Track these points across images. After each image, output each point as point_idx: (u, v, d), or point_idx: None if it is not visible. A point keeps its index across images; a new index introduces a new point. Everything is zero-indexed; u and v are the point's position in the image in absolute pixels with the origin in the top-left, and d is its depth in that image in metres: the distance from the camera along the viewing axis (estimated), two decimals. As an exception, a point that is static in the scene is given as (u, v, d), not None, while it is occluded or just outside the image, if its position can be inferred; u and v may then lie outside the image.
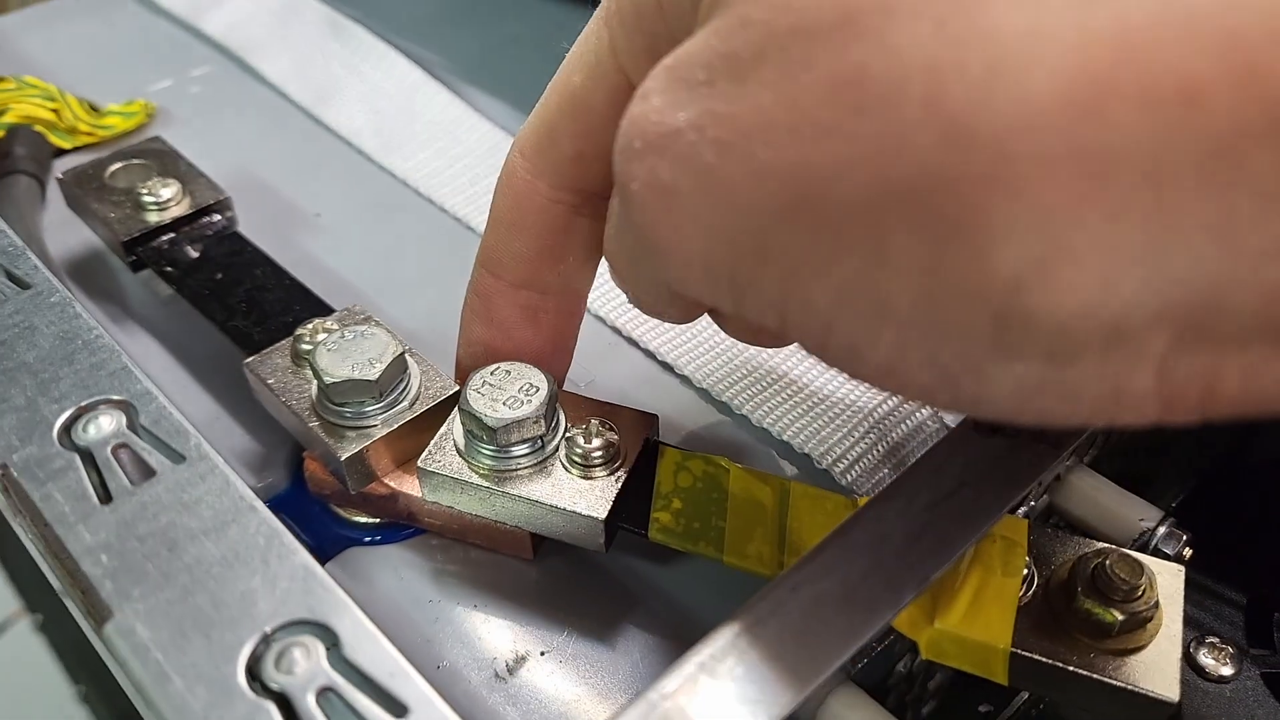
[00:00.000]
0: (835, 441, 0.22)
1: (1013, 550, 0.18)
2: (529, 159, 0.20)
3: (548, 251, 0.20)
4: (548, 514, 0.19)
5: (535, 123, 0.19)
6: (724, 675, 0.13)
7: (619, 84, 0.18)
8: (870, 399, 0.23)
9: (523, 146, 0.20)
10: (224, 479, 0.15)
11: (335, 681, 0.13)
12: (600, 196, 0.19)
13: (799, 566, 0.15)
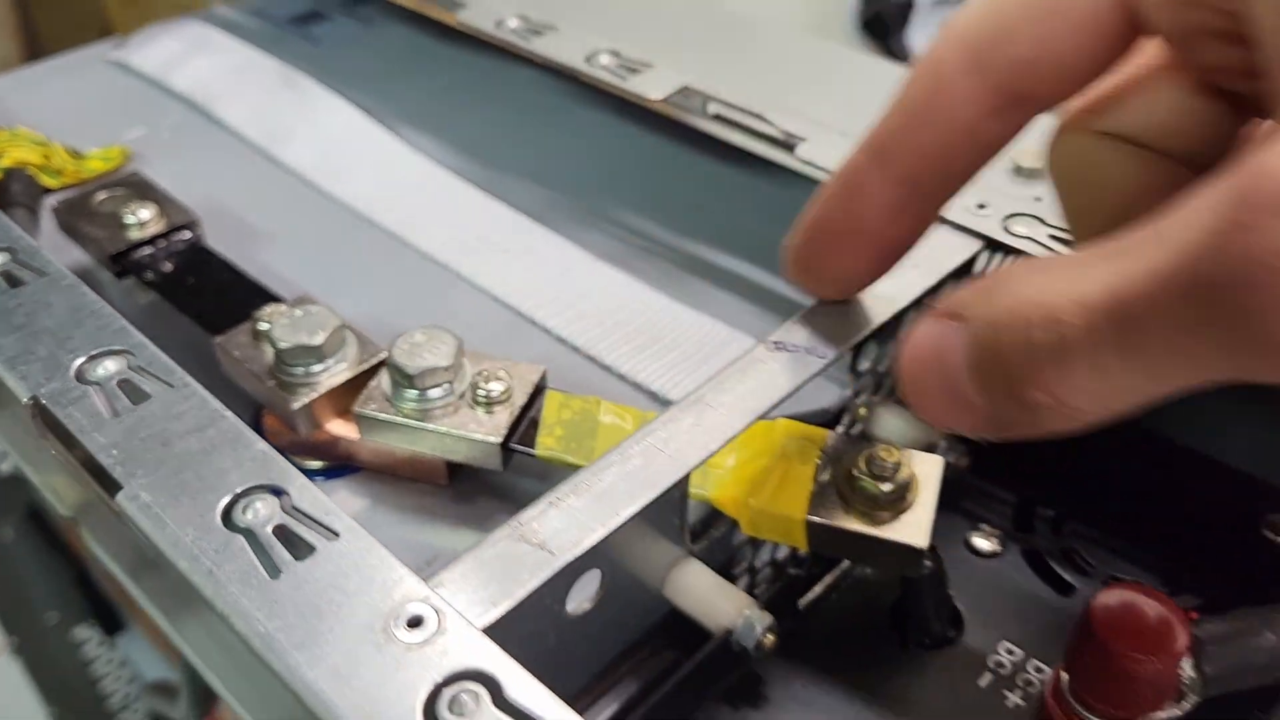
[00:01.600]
0: (680, 378, 0.28)
1: (810, 448, 0.24)
2: (968, 51, 0.18)
3: (947, 150, 0.19)
4: (458, 442, 0.25)
5: (987, 14, 0.18)
6: (565, 508, 0.19)
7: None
8: (707, 345, 0.29)
9: (964, 35, 0.18)
10: (203, 398, 0.20)
11: (286, 521, 0.18)
12: (1030, 102, 0.18)
13: (626, 446, 0.20)
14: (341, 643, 0.16)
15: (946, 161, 0.19)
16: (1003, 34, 0.18)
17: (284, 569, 0.17)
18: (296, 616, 0.17)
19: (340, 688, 0.16)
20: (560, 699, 0.16)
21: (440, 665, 0.16)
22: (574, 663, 0.22)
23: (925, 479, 0.23)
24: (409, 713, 0.15)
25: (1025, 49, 0.17)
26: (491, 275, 0.32)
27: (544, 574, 0.18)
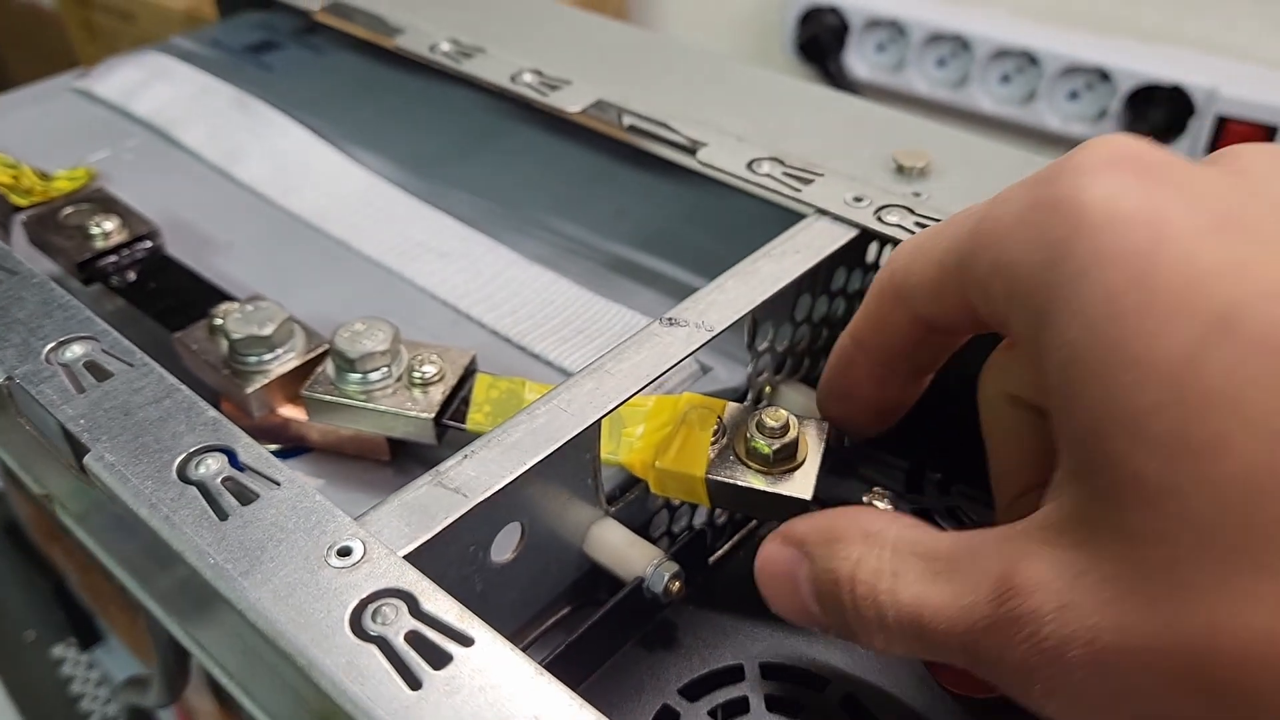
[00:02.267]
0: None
1: (709, 416, 0.27)
2: (894, 287, 0.22)
3: (906, 350, 0.23)
4: (395, 420, 0.27)
5: (902, 258, 0.22)
6: (478, 459, 0.22)
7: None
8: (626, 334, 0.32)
9: (892, 272, 0.22)
10: (160, 374, 0.23)
11: (233, 473, 0.21)
12: (950, 333, 0.22)
13: (534, 408, 0.23)
14: (281, 570, 0.19)
15: (909, 357, 0.23)
16: (907, 282, 0.22)
17: (231, 513, 0.20)
18: (242, 551, 0.19)
19: (279, 605, 0.18)
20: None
21: (365, 585, 0.19)
22: (503, 609, 0.25)
23: (812, 442, 0.26)
24: (338, 622, 0.18)
25: (920, 304, 0.21)
26: (431, 277, 0.35)
27: (458, 512, 0.21)
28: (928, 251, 0.21)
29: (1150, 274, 0.15)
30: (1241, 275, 0.15)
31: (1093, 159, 0.17)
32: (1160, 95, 0.75)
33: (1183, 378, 0.14)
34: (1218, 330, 0.14)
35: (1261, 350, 0.14)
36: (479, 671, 0.17)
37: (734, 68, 0.38)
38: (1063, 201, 0.17)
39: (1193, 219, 0.16)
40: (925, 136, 0.35)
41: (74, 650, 0.59)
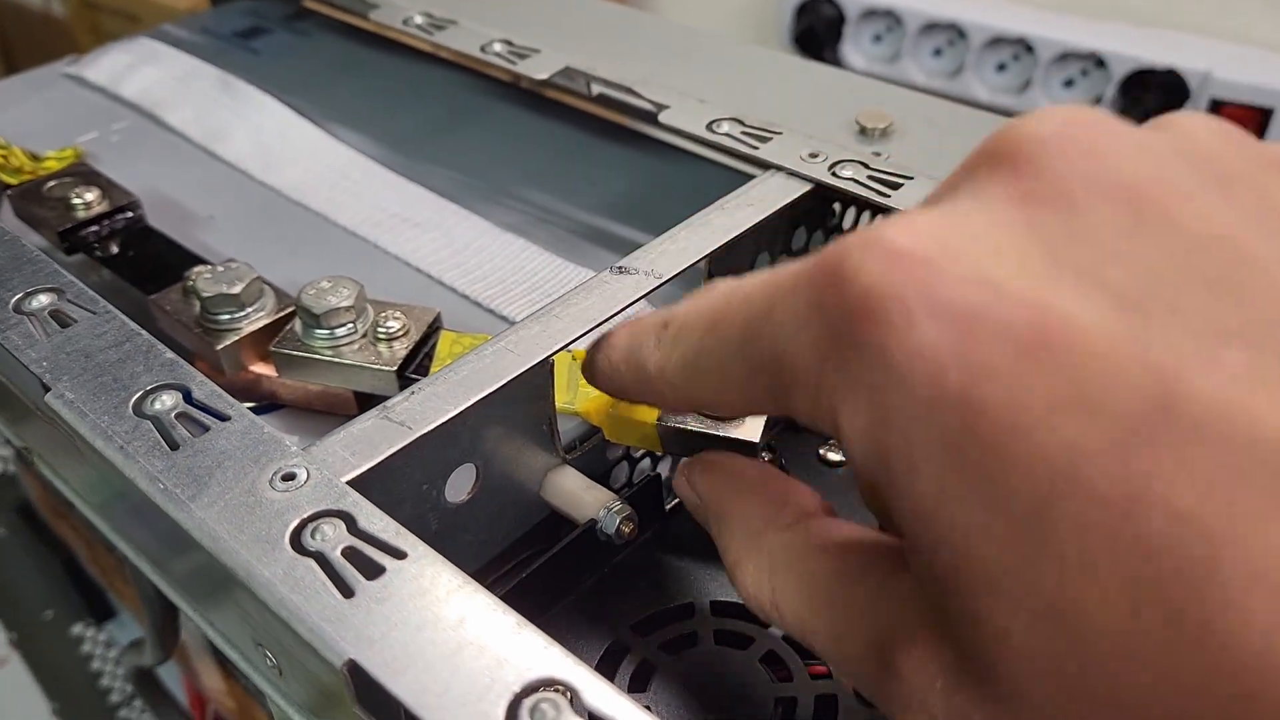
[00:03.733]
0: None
1: (664, 363, 0.27)
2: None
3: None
4: (360, 374, 0.28)
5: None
6: (424, 394, 0.22)
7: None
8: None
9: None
10: (122, 321, 0.24)
11: (187, 409, 0.22)
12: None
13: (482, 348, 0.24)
14: (228, 493, 0.20)
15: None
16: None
17: (183, 444, 0.21)
18: (190, 477, 0.20)
19: (224, 524, 0.19)
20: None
21: (305, 507, 0.19)
22: (460, 549, 0.25)
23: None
24: (278, 539, 0.19)
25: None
26: (404, 245, 0.36)
27: (401, 443, 0.21)
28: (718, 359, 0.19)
29: (982, 423, 0.14)
30: (1078, 418, 0.13)
31: (884, 294, 0.15)
32: (1154, 79, 0.75)
33: (1034, 537, 0.13)
34: (1062, 487, 0.13)
35: (1107, 507, 0.13)
36: (410, 581, 0.18)
37: (705, 39, 0.39)
38: (869, 359, 0.15)
39: (1005, 344, 0.14)
40: (889, 99, 0.35)
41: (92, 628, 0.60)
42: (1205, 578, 0.12)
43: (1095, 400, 0.13)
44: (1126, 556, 0.13)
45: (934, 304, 0.14)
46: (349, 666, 0.17)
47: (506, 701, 0.16)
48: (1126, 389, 0.13)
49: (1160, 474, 0.13)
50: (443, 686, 0.16)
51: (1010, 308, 0.14)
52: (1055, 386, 0.13)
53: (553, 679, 0.16)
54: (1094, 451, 0.13)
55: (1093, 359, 0.13)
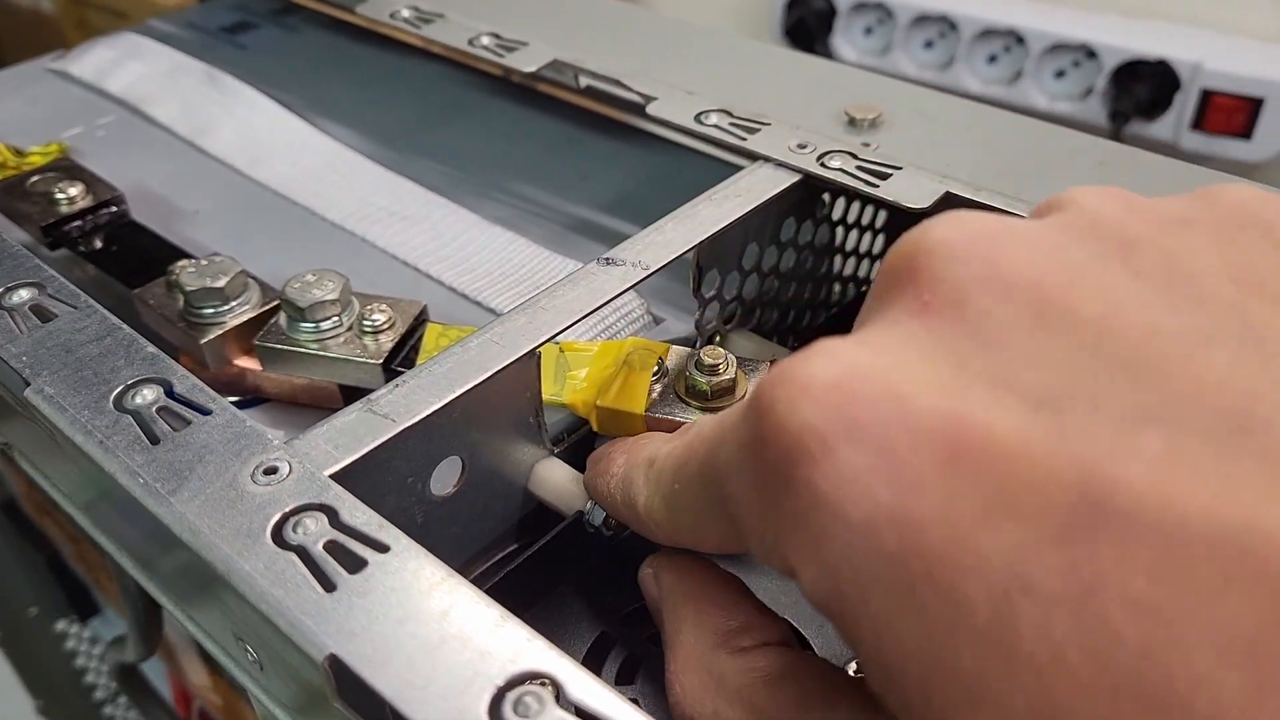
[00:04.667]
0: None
1: (650, 358, 0.27)
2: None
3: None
4: (345, 366, 0.28)
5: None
6: (408, 387, 0.22)
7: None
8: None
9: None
10: (103, 315, 0.24)
11: (168, 403, 0.21)
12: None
13: (467, 340, 0.24)
14: (208, 488, 0.19)
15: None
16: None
17: (164, 438, 0.21)
18: (171, 471, 0.20)
19: (204, 518, 0.19)
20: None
21: (287, 501, 0.19)
22: (446, 543, 0.25)
23: (752, 380, 0.27)
24: (259, 533, 0.18)
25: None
26: (393, 239, 0.35)
27: (385, 435, 0.21)
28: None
29: (921, 538, 0.14)
30: (1012, 520, 0.13)
31: (801, 429, 0.15)
32: (1145, 70, 0.75)
33: (1000, 643, 0.13)
34: (1014, 591, 0.13)
35: (1064, 604, 0.13)
36: (392, 574, 0.18)
37: (694, 31, 0.39)
38: (797, 492, 0.15)
39: (926, 457, 0.14)
40: (878, 91, 0.35)
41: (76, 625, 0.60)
42: (1173, 658, 0.12)
43: (1024, 502, 0.13)
44: (1094, 645, 0.13)
45: (848, 428, 0.14)
46: (330, 661, 0.16)
47: (490, 695, 0.16)
48: (1053, 488, 0.13)
49: (1104, 565, 0.13)
50: (425, 680, 0.16)
51: (924, 420, 0.14)
52: (983, 494, 0.13)
53: (536, 672, 0.16)
54: (1034, 552, 0.13)
55: (1014, 463, 0.13)
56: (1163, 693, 0.12)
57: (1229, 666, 0.12)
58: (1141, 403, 0.14)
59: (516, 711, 0.16)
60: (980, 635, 0.13)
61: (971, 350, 0.15)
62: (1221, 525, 0.13)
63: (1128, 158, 0.30)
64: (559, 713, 0.16)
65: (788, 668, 0.19)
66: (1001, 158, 0.30)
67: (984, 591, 0.13)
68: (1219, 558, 0.12)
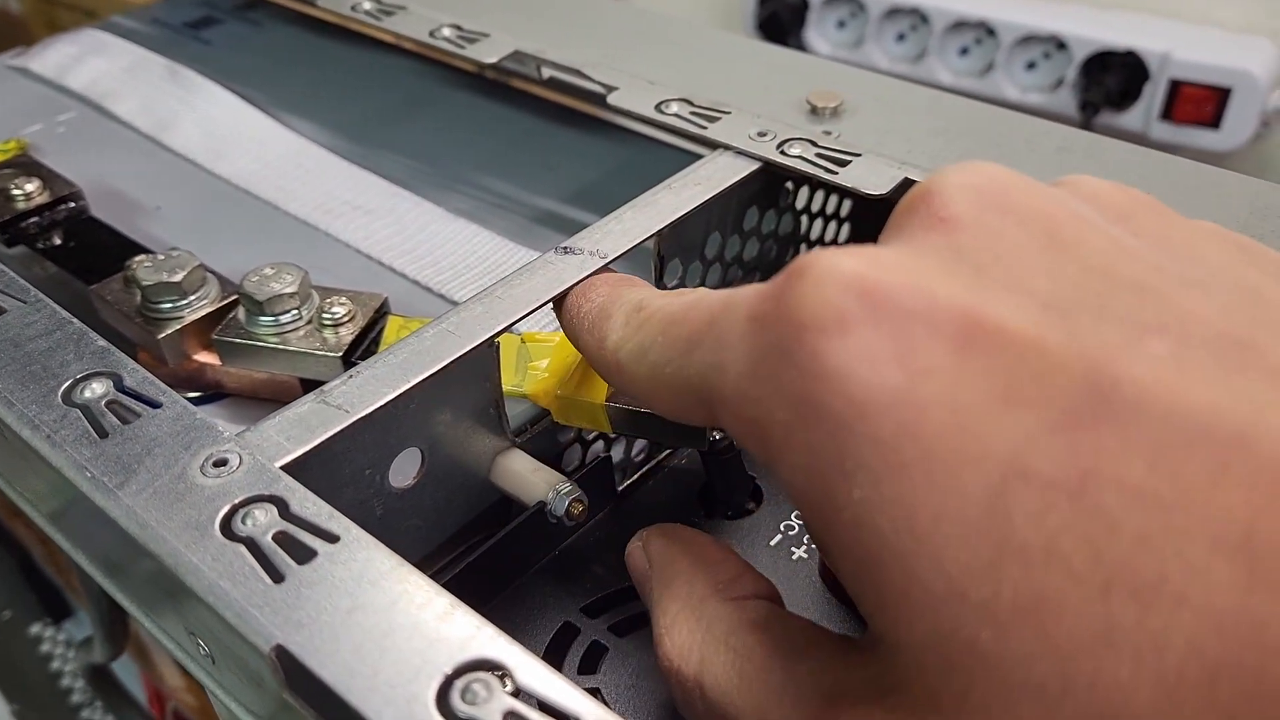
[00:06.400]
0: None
1: (612, 344, 0.27)
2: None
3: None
4: (305, 360, 0.28)
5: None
6: (362, 378, 0.22)
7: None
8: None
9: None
10: (53, 309, 0.23)
11: (118, 396, 0.21)
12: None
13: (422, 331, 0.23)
14: (156, 480, 0.19)
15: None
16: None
17: (112, 432, 0.20)
18: (119, 465, 0.20)
19: (152, 511, 0.19)
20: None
21: (236, 493, 0.19)
22: (407, 535, 0.25)
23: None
24: (207, 525, 0.18)
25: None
26: (355, 233, 0.35)
27: (337, 426, 0.21)
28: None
29: (922, 423, 0.14)
30: (1018, 408, 0.13)
31: (821, 304, 0.15)
32: (1114, 61, 0.75)
33: (991, 531, 0.13)
34: (1012, 479, 0.13)
35: (1060, 491, 0.13)
36: (341, 564, 0.18)
37: (659, 21, 0.39)
38: (802, 365, 0.15)
39: (941, 344, 0.14)
40: (841, 80, 0.35)
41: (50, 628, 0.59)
42: (1167, 547, 0.12)
43: (1032, 391, 0.14)
44: (1087, 533, 0.13)
45: (870, 311, 0.14)
46: (276, 651, 0.16)
47: (437, 683, 0.16)
48: (1061, 378, 0.13)
49: (1105, 453, 0.13)
50: (372, 669, 0.16)
51: (943, 310, 0.14)
52: (993, 381, 0.14)
53: (486, 660, 0.16)
54: (1037, 439, 0.13)
55: (1025, 353, 0.14)
56: (1155, 582, 0.12)
57: (1222, 557, 0.12)
58: (1149, 316, 0.14)
59: (464, 699, 0.15)
60: (970, 524, 0.13)
61: (991, 261, 0.15)
62: (1223, 420, 0.13)
63: (1087, 143, 0.30)
64: (508, 700, 0.15)
65: (775, 617, 0.19)
66: (961, 144, 0.30)
67: (980, 478, 0.13)
68: (1219, 449, 0.13)
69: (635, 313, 0.20)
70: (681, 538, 0.22)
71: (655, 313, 0.19)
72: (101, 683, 0.44)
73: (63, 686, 0.57)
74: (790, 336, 0.15)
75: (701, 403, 0.17)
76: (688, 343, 0.18)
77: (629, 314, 0.20)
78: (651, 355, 0.19)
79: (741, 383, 0.16)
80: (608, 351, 0.21)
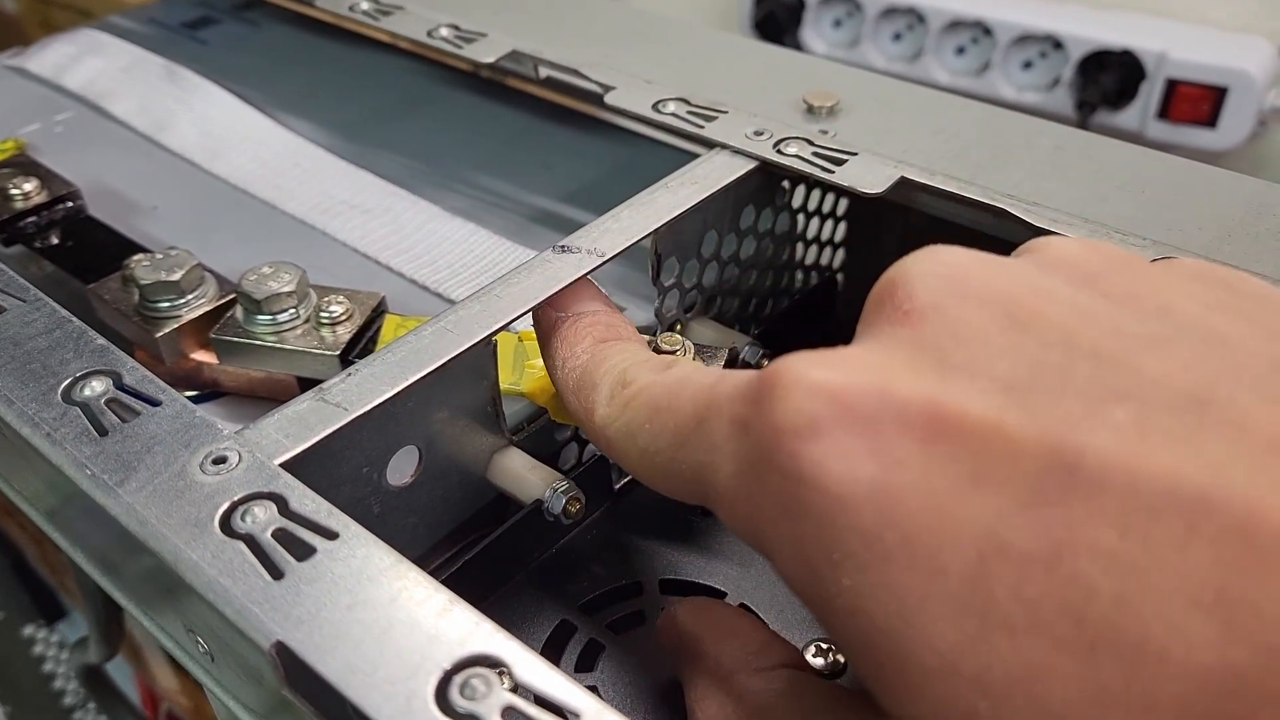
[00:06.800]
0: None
1: (610, 342, 0.27)
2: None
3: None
4: (302, 359, 0.28)
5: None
6: (361, 376, 0.22)
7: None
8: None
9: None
10: (52, 308, 0.23)
11: (118, 394, 0.21)
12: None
13: (421, 329, 0.24)
14: (156, 478, 0.19)
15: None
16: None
17: (112, 430, 0.20)
18: (119, 463, 0.20)
19: (151, 509, 0.19)
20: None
21: (236, 490, 0.19)
22: (404, 533, 0.25)
23: (710, 366, 0.27)
24: (207, 522, 0.18)
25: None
26: (352, 232, 0.35)
27: (336, 424, 0.21)
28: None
29: (899, 511, 0.14)
30: (989, 488, 0.14)
31: (794, 413, 0.15)
32: (1111, 60, 0.75)
33: (975, 608, 0.14)
34: (990, 555, 0.14)
35: (1037, 563, 0.13)
36: (340, 561, 0.18)
37: (656, 21, 0.39)
38: (783, 468, 0.15)
39: (908, 436, 0.15)
40: (837, 79, 0.35)
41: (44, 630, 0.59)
42: (1146, 606, 0.13)
43: (1000, 472, 0.14)
44: (1067, 600, 0.13)
45: (838, 413, 0.15)
46: (276, 648, 0.16)
47: (436, 679, 0.16)
48: (1025, 457, 0.14)
49: (1076, 523, 0.13)
50: (372, 665, 0.16)
51: (908, 405, 0.15)
52: (960, 466, 0.14)
53: (484, 655, 0.16)
54: (1009, 516, 0.14)
55: (989, 437, 0.14)
56: (1138, 642, 0.13)
57: (1200, 614, 0.13)
58: (1109, 384, 0.15)
59: (464, 695, 0.16)
60: (954, 601, 0.14)
61: (950, 348, 0.16)
62: (1187, 483, 0.13)
63: (1083, 143, 0.30)
64: (507, 695, 0.16)
65: (801, 686, 0.19)
66: (957, 143, 0.30)
67: (959, 557, 0.14)
68: (1185, 512, 0.13)
69: (620, 389, 0.21)
70: (709, 611, 0.22)
71: (640, 393, 0.20)
72: (95, 685, 0.43)
73: (56, 688, 0.57)
74: (770, 442, 0.16)
75: (695, 494, 0.18)
76: (675, 435, 0.18)
77: (613, 388, 0.21)
78: (640, 440, 0.19)
79: (731, 483, 0.17)
80: (595, 425, 0.21)
